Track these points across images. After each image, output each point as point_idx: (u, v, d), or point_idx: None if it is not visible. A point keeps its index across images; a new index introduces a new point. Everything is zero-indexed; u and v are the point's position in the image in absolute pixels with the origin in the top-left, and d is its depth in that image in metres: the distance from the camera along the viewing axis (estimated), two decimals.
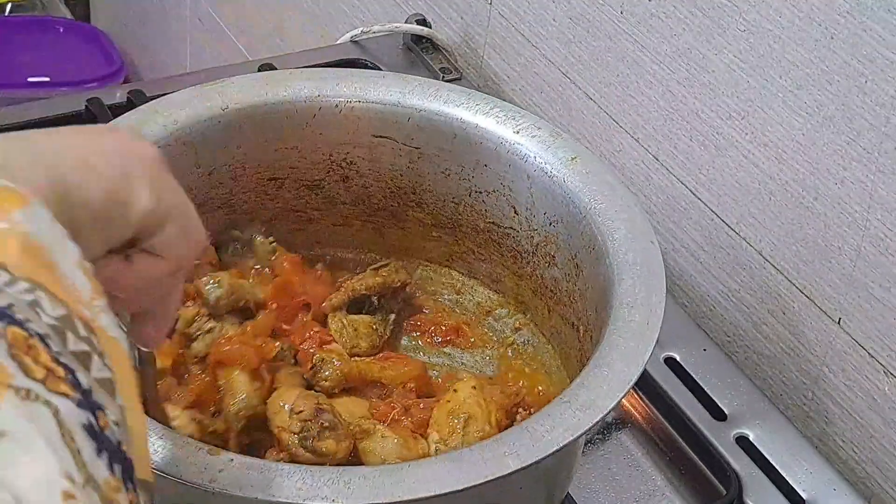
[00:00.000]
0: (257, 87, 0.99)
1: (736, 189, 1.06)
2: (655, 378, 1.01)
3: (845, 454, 1.02)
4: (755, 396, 1.02)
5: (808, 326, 1.02)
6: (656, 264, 0.87)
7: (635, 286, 0.85)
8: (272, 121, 0.99)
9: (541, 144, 0.96)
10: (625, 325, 0.82)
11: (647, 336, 0.81)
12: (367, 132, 1.00)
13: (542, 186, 0.95)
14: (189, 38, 2.14)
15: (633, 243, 0.88)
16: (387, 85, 1.00)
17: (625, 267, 0.86)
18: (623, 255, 0.87)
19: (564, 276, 0.95)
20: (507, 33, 1.30)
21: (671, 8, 1.08)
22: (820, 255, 1.00)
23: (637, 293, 0.84)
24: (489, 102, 0.99)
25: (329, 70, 1.05)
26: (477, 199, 1.00)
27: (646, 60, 1.12)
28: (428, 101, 0.99)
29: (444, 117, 0.98)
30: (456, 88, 1.01)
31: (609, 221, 0.90)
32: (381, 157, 1.01)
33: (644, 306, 0.83)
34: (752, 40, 1.01)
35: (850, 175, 0.95)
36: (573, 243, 0.93)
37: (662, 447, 0.98)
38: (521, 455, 0.72)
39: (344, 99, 0.99)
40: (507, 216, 0.99)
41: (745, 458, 0.97)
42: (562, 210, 0.94)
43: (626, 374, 0.78)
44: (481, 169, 0.98)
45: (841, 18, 0.92)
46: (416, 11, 1.40)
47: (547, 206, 0.95)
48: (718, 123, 1.06)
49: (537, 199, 0.96)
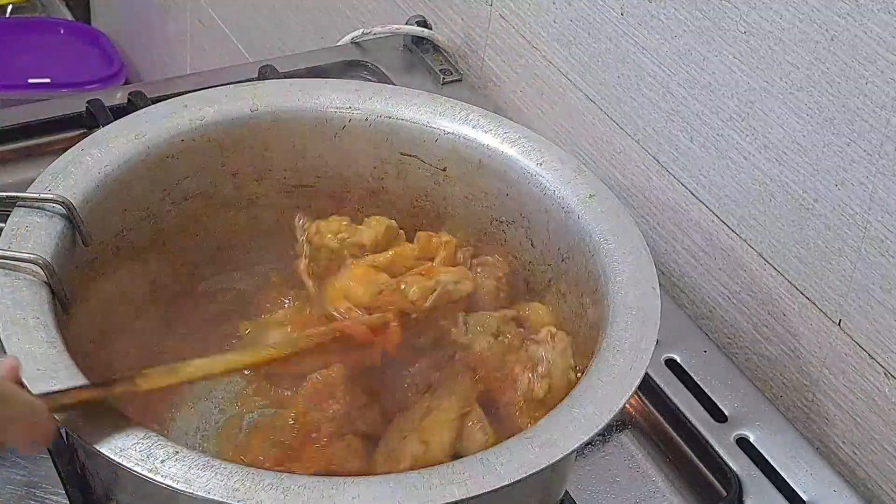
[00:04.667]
0: (289, 93, 0.99)
1: (736, 190, 1.06)
2: (656, 379, 1.01)
3: (845, 455, 1.02)
4: (755, 398, 1.02)
5: (809, 328, 1.03)
6: (652, 310, 0.85)
7: (626, 330, 0.83)
8: (301, 128, 0.98)
9: (561, 179, 0.95)
10: (607, 369, 0.80)
11: (627, 383, 0.79)
12: (396, 149, 0.99)
13: (558, 221, 0.94)
14: (189, 40, 2.14)
15: (634, 287, 0.87)
16: (418, 104, 1.00)
17: (621, 310, 0.85)
18: (622, 297, 0.86)
19: (573, 315, 0.93)
20: (507, 35, 1.30)
21: (671, 9, 1.08)
22: (820, 256, 1.00)
23: (626, 338, 0.83)
24: (517, 131, 0.98)
25: (364, 83, 1.04)
26: (497, 228, 0.99)
27: (646, 62, 1.12)
28: (457, 123, 0.99)
29: (472, 142, 0.98)
30: (487, 114, 1.00)
31: (615, 263, 0.89)
32: (408, 175, 1.00)
33: (631, 352, 0.82)
34: (753, 42, 1.01)
35: (850, 177, 0.95)
36: (581, 282, 0.92)
37: (663, 448, 0.98)
38: (468, 485, 0.72)
39: (375, 114, 0.99)
40: (524, 249, 0.98)
41: (746, 459, 0.97)
42: (574, 247, 0.93)
43: (596, 418, 0.77)
44: (503, 198, 0.98)
45: (841, 20, 0.92)
46: (416, 13, 1.40)
47: (561, 241, 0.94)
48: (719, 125, 1.06)
49: (553, 234, 0.95)
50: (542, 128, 1.28)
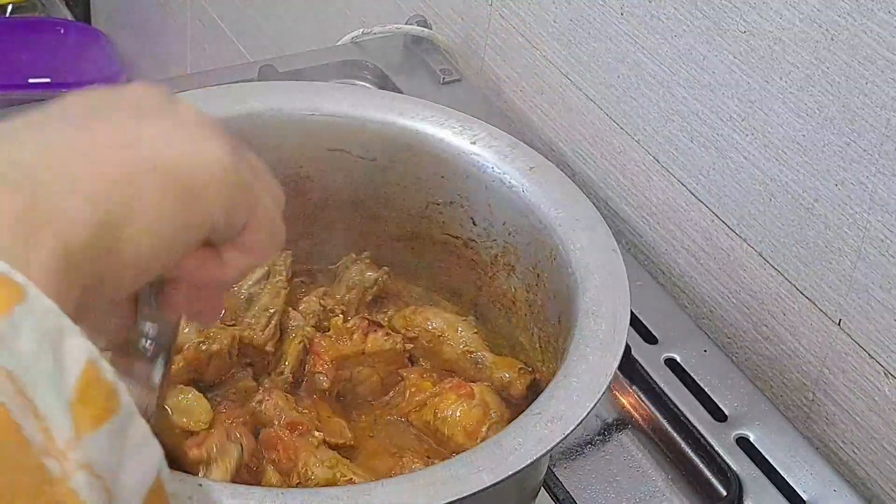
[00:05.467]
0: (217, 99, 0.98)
1: (736, 190, 1.06)
2: (656, 379, 1.01)
3: (846, 455, 1.02)
4: (756, 398, 1.02)
5: (809, 328, 1.03)
6: (619, 273, 0.86)
7: (599, 295, 0.84)
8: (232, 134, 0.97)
9: (498, 154, 0.95)
10: (591, 335, 0.81)
11: (615, 346, 0.80)
12: (323, 145, 0.98)
13: (500, 197, 0.94)
14: (189, 40, 2.14)
15: (596, 253, 0.87)
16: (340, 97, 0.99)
17: (587, 276, 0.85)
18: (585, 264, 0.86)
19: (524, 286, 0.94)
20: (507, 35, 1.30)
21: (671, 9, 1.08)
22: (820, 256, 1.00)
23: (602, 302, 0.83)
24: (445, 113, 0.98)
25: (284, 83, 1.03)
26: (434, 210, 0.99)
27: (646, 62, 1.12)
28: (383, 112, 0.98)
29: (400, 129, 0.97)
30: (410, 100, 0.99)
31: (570, 231, 0.89)
32: (337, 170, 0.99)
33: (609, 316, 0.82)
34: (753, 41, 1.01)
35: (850, 176, 0.95)
36: (534, 253, 0.92)
37: (663, 448, 0.98)
38: (494, 470, 0.72)
39: (298, 111, 0.98)
40: (465, 228, 0.98)
41: (746, 459, 0.97)
42: (521, 220, 0.93)
43: (595, 384, 0.77)
44: (438, 180, 0.97)
45: (841, 20, 0.92)
46: (416, 13, 1.40)
47: (506, 216, 0.94)
48: (719, 125, 1.06)
49: (496, 210, 0.95)
50: (542, 128, 1.28)
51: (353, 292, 0.97)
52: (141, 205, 0.51)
